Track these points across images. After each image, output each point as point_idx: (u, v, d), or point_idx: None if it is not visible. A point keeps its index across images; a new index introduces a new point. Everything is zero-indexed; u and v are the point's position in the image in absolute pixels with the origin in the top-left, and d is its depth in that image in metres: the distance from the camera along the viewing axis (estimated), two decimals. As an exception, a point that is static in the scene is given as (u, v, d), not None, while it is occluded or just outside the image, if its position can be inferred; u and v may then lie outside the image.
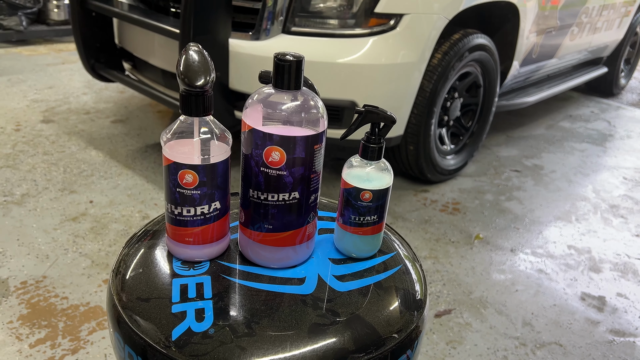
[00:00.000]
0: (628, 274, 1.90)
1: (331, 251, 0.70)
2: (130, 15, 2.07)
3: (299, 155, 0.57)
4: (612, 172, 2.76)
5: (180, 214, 0.62)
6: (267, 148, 0.57)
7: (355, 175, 0.64)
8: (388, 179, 0.65)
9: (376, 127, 0.63)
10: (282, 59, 0.56)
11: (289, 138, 0.56)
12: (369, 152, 0.64)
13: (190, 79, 0.57)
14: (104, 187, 2.14)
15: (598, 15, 3.25)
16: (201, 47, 0.61)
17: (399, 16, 1.89)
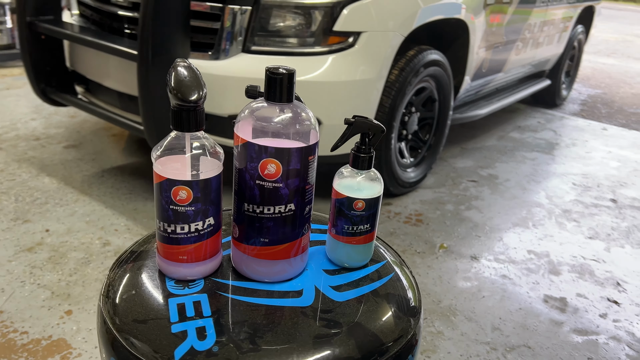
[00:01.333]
0: (585, 274, 1.99)
1: (324, 262, 0.70)
2: (86, 37, 2.02)
3: (295, 167, 0.58)
4: (562, 178, 2.89)
5: (174, 232, 0.60)
6: (262, 161, 0.57)
7: (347, 185, 0.65)
8: (379, 188, 0.66)
9: (366, 137, 0.64)
10: (275, 72, 0.57)
11: (284, 150, 0.57)
12: (360, 161, 0.65)
13: (184, 93, 0.56)
14: (60, 215, 2.06)
15: (540, 30, 3.43)
16: (189, 62, 0.60)
17: (357, 34, 1.93)
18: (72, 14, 2.42)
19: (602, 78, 5.83)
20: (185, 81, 0.57)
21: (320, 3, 1.86)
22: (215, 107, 1.95)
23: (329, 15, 1.88)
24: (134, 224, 2.04)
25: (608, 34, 9.81)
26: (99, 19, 2.23)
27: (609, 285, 1.93)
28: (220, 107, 1.93)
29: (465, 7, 2.41)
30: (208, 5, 1.89)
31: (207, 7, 1.89)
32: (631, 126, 4.09)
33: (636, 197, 2.73)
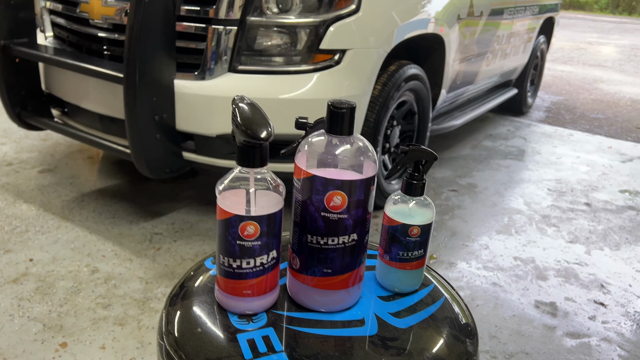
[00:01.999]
0: (570, 278, 2.05)
1: (375, 288, 0.71)
2: (67, 61, 1.97)
3: (358, 198, 0.58)
4: (537, 184, 2.98)
5: (240, 267, 0.60)
6: (328, 193, 0.58)
7: (400, 212, 0.66)
8: (431, 213, 0.67)
9: (419, 164, 0.65)
10: (338, 106, 0.57)
11: (351, 182, 0.57)
12: (413, 188, 0.66)
13: (254, 131, 0.56)
14: (43, 243, 1.99)
15: (507, 42, 3.55)
16: (249, 98, 0.60)
17: (343, 52, 1.96)
18: (46, 36, 2.36)
19: (562, 85, 6.06)
20: (254, 119, 0.57)
21: (306, 22, 1.88)
22: (202, 127, 1.93)
23: (314, 34, 1.90)
24: (122, 249, 2.00)
25: (563, 42, 10.21)
26: (76, 40, 2.19)
27: (594, 288, 2.00)
28: (208, 127, 1.92)
29: (440, 22, 2.48)
30: (193, 26, 1.88)
31: (192, 28, 1.88)
32: (594, 131, 4.25)
33: (608, 200, 2.84)
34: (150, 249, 2.02)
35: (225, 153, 1.99)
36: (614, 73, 7.15)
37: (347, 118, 0.58)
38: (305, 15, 1.88)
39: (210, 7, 1.86)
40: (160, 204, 2.37)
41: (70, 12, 2.14)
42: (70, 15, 2.16)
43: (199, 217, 2.28)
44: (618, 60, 8.45)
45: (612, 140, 3.99)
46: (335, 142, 0.59)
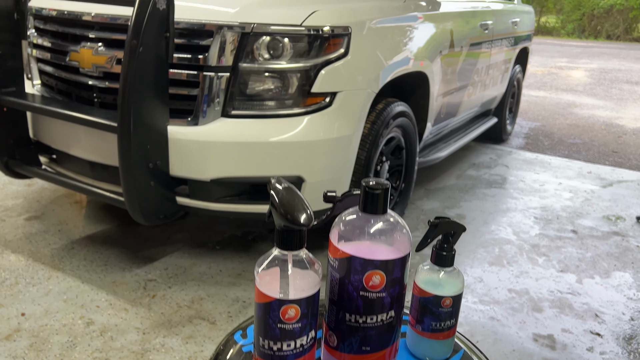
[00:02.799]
0: (565, 309, 2.08)
1: (406, 356, 0.71)
2: (58, 110, 1.97)
3: (397, 276, 0.59)
4: (524, 213, 3.03)
5: (280, 349, 0.60)
6: (367, 273, 0.59)
7: (430, 282, 0.67)
8: (461, 283, 0.69)
9: (449, 236, 0.67)
10: (373, 187, 0.59)
11: (388, 262, 0.58)
12: (443, 259, 0.67)
13: (294, 217, 0.57)
14: (35, 295, 1.95)
15: (486, 73, 3.65)
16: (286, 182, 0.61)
17: (333, 94, 1.99)
18: (34, 83, 2.35)
19: (538, 111, 6.23)
20: (294, 204, 0.57)
21: (297, 67, 1.91)
22: (196, 172, 1.93)
23: (305, 78, 1.93)
24: (116, 298, 1.96)
25: (535, 67, 10.52)
26: (66, 88, 2.19)
27: (588, 318, 2.02)
28: (202, 172, 1.92)
29: (423, 58, 2.54)
30: (186, 73, 1.90)
31: (184, 75, 1.90)
32: (573, 156, 4.36)
33: (593, 226, 2.90)
34: (145, 296, 1.99)
35: (219, 197, 1.99)
36: (586, 97, 7.38)
37: (381, 198, 0.60)
38: (296, 60, 1.92)
39: (203, 55, 1.89)
40: (152, 249, 2.35)
41: (60, 61, 2.14)
42: (59, 63, 2.16)
43: (192, 261, 2.26)
44: (589, 84, 8.73)
45: (591, 165, 4.10)
46: (371, 221, 0.61)
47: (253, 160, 1.93)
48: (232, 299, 2.00)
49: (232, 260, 2.29)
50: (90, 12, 2.01)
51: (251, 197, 2.03)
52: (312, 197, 2.04)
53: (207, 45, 1.88)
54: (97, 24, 2.01)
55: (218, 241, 2.46)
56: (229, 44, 1.88)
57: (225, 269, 2.21)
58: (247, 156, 1.93)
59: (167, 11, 1.77)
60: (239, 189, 2.01)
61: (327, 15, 1.97)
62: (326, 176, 2.04)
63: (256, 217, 2.15)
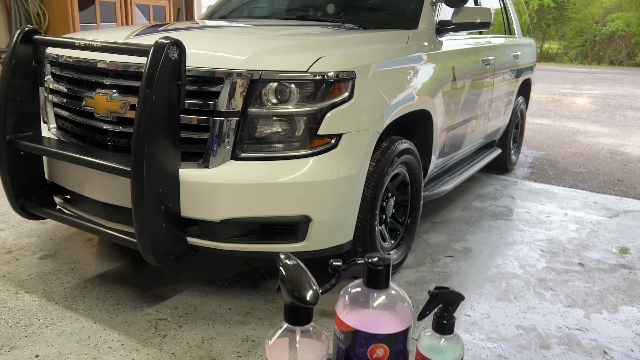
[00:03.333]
0: (573, 346, 2.08)
1: None
2: (71, 154, 2.04)
3: (400, 348, 0.63)
4: (530, 245, 3.05)
5: None
6: (372, 346, 0.63)
7: (432, 349, 0.71)
8: (461, 349, 0.72)
9: (448, 305, 0.71)
10: (376, 264, 0.64)
11: (392, 335, 0.63)
12: (444, 327, 0.71)
13: (302, 295, 0.61)
14: (48, 337, 1.98)
15: (489, 107, 3.72)
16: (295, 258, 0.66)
17: (339, 135, 2.05)
18: (50, 127, 2.43)
19: (543, 139, 6.27)
20: (302, 282, 0.62)
21: (303, 111, 1.98)
22: (207, 213, 1.98)
23: (312, 122, 2.00)
24: (128, 339, 1.99)
25: (538, 94, 10.62)
26: (81, 132, 2.26)
27: (597, 355, 2.03)
28: (213, 213, 1.98)
29: (426, 96, 2.61)
30: (197, 118, 1.97)
31: (195, 119, 1.97)
32: (579, 186, 4.39)
33: (600, 259, 2.91)
34: (156, 336, 2.02)
35: (229, 237, 2.03)
36: (590, 124, 7.43)
37: (384, 274, 0.64)
38: (302, 104, 1.99)
39: (213, 100, 1.96)
40: (163, 287, 2.39)
41: (75, 106, 2.22)
42: (75, 108, 2.24)
43: (202, 299, 2.29)
44: (593, 111, 8.79)
45: (597, 195, 4.12)
46: (375, 295, 0.65)
47: (261, 201, 1.98)
48: (241, 338, 2.03)
49: (241, 297, 2.32)
50: (105, 59, 2.10)
51: (260, 237, 2.07)
52: (319, 235, 2.08)
53: (218, 91, 1.96)
54: (112, 72, 2.10)
55: (227, 278, 2.49)
56: (238, 90, 1.96)
57: (235, 307, 2.24)
58: (255, 197, 1.98)
59: (179, 60, 1.85)
60: (248, 229, 2.06)
61: (332, 61, 2.05)
62: (333, 215, 2.09)
63: (265, 257, 2.19)
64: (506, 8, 4.42)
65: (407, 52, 2.53)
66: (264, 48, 2.07)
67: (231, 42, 2.29)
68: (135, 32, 2.32)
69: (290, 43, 2.19)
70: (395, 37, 2.61)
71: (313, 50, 2.09)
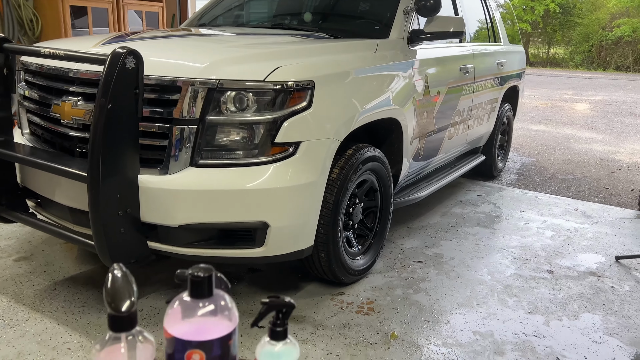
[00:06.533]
0: (527, 352, 2.11)
1: None
2: (36, 160, 2.10)
3: (216, 354, 0.68)
4: (502, 252, 3.07)
5: None
6: (187, 352, 0.67)
7: (268, 354, 0.76)
8: (296, 353, 0.77)
9: (280, 313, 0.75)
10: (196, 276, 0.68)
11: (206, 342, 0.67)
12: (277, 335, 0.76)
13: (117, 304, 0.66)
14: (11, 337, 2.04)
15: (469, 114, 3.74)
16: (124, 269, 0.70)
17: (297, 144, 2.10)
18: (23, 132, 2.50)
19: (535, 146, 6.27)
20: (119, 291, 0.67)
21: (261, 119, 2.03)
22: (166, 218, 2.03)
23: (269, 129, 2.04)
24: (88, 340, 2.05)
25: (538, 100, 10.60)
26: (50, 138, 2.33)
27: (549, 362, 2.05)
28: (172, 218, 2.02)
29: (395, 105, 2.65)
30: (156, 126, 2.02)
31: (154, 127, 2.02)
32: (562, 192, 4.40)
33: (570, 266, 2.93)
34: (117, 338, 2.06)
35: (187, 242, 2.08)
36: (586, 131, 7.41)
37: (205, 284, 0.69)
38: (260, 113, 2.03)
39: (172, 108, 2.01)
40: (131, 290, 2.43)
41: (44, 112, 2.29)
42: (44, 115, 2.31)
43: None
44: (591, 117, 8.76)
45: (579, 202, 4.13)
46: (198, 304, 0.70)
47: (220, 207, 2.03)
48: (199, 341, 2.07)
49: (205, 301, 2.36)
50: (70, 68, 2.16)
51: (219, 242, 2.12)
52: (278, 241, 2.13)
53: (177, 99, 2.01)
54: (77, 79, 2.16)
55: (195, 282, 2.53)
56: (198, 98, 2.01)
57: (198, 311, 2.28)
58: (213, 203, 2.02)
59: (136, 69, 1.90)
60: (207, 235, 2.10)
61: (290, 71, 2.09)
62: (291, 221, 2.13)
63: (225, 262, 2.24)
64: (491, 16, 4.45)
65: (373, 61, 2.57)
66: (224, 57, 2.12)
67: (193, 50, 2.35)
68: (102, 41, 2.38)
69: (251, 52, 2.24)
70: (363, 46, 2.66)
71: (272, 60, 2.14)
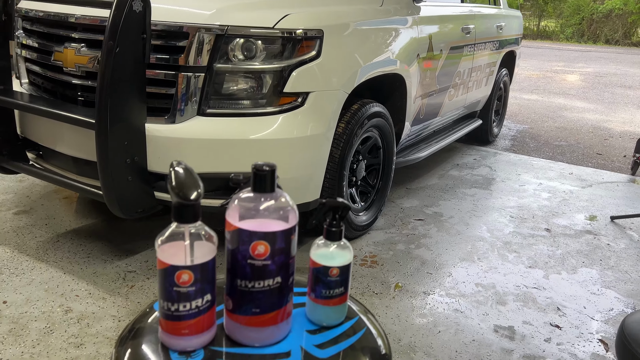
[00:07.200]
0: (528, 302, 2.16)
1: (305, 323, 0.80)
2: (42, 108, 2.05)
3: (280, 246, 0.68)
4: (500, 212, 3.11)
5: (177, 310, 0.68)
6: (253, 243, 0.67)
7: (322, 255, 0.76)
8: (349, 255, 0.77)
9: (336, 214, 0.75)
10: (260, 169, 0.68)
11: (272, 233, 0.67)
12: (332, 235, 0.76)
13: (185, 193, 0.65)
14: (17, 285, 2.03)
15: (468, 76, 3.73)
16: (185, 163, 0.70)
17: (306, 94, 2.08)
18: (22, 82, 2.44)
19: (528, 114, 6.30)
20: (186, 181, 0.66)
21: (269, 68, 2.00)
22: (173, 168, 2.01)
23: (278, 79, 2.02)
24: (95, 288, 2.05)
25: (530, 71, 10.60)
26: (51, 87, 2.28)
27: (550, 311, 2.10)
28: (179, 168, 2.00)
29: (400, 61, 2.63)
30: (163, 73, 1.98)
31: (162, 74, 1.98)
32: (557, 158, 4.44)
33: (567, 225, 2.98)
34: (124, 287, 2.07)
35: (196, 192, 2.07)
36: (578, 101, 7.46)
37: (268, 178, 0.68)
38: (269, 61, 2.01)
39: (179, 55, 1.97)
40: (134, 242, 2.43)
41: (45, 61, 2.23)
42: (44, 63, 2.25)
43: (172, 254, 2.34)
44: (582, 87, 8.80)
45: (574, 167, 4.18)
46: (260, 199, 0.69)
47: (227, 157, 2.02)
48: (206, 290, 2.08)
49: (210, 253, 2.37)
50: (73, 13, 2.10)
51: (226, 193, 2.11)
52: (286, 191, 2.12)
53: (184, 46, 1.97)
54: (80, 25, 2.10)
55: (198, 236, 2.54)
56: (205, 45, 1.97)
57: (203, 262, 2.29)
58: (221, 153, 2.01)
59: (143, 13, 1.85)
60: (214, 185, 2.09)
61: (299, 19, 2.06)
62: (299, 173, 2.13)
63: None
64: (491, -22, 4.40)
65: (381, 14, 2.54)
66: (232, 3, 2.08)
67: (200, -2, 2.29)
68: (105, -13, 2.31)
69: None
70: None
71: (281, 7, 2.10)
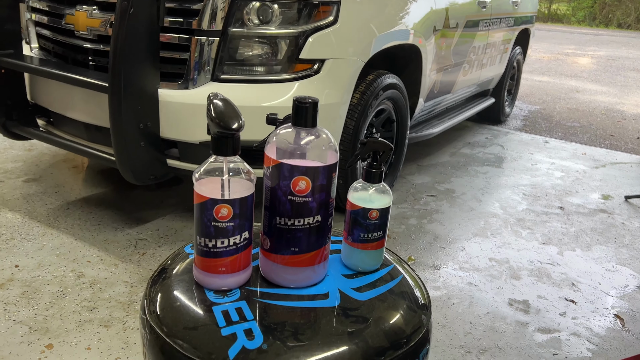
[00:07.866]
0: (543, 277, 2.13)
1: (341, 268, 0.77)
2: (54, 71, 2.02)
3: (321, 183, 0.65)
4: (513, 190, 3.07)
5: (215, 246, 0.66)
6: (294, 178, 0.64)
7: (361, 198, 0.73)
8: (389, 199, 0.74)
9: (377, 155, 0.72)
10: (302, 101, 0.64)
11: (314, 168, 0.64)
12: (372, 176, 0.73)
13: (226, 122, 0.62)
14: (29, 250, 2.02)
15: (483, 52, 3.67)
16: (224, 95, 0.66)
17: (322, 61, 2.03)
18: (32, 47, 2.40)
19: (540, 95, 6.22)
20: (226, 111, 0.63)
21: (285, 33, 1.95)
22: (186, 134, 1.99)
23: (294, 45, 1.97)
24: (107, 255, 2.03)
25: (541, 53, 10.45)
26: (62, 51, 2.24)
27: (565, 286, 2.08)
28: (192, 134, 1.98)
29: (417, 33, 2.57)
30: (176, 37, 1.94)
31: (175, 38, 1.94)
32: (570, 138, 4.39)
33: (580, 204, 2.94)
34: (135, 254, 2.06)
35: (209, 160, 2.04)
36: (590, 83, 7.35)
37: (310, 111, 0.65)
38: (285, 26, 1.96)
39: (193, 19, 1.93)
40: (145, 211, 2.42)
41: (56, 24, 2.19)
42: (55, 26, 2.21)
43: (183, 224, 2.32)
44: (594, 70, 8.68)
45: (587, 147, 4.12)
46: (301, 133, 0.66)
47: (241, 124, 1.98)
48: (218, 259, 2.07)
49: (221, 224, 2.35)
50: (85, -25, 2.06)
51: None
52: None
53: (198, 9, 1.92)
54: (92, -13, 2.06)
55: (209, 206, 2.52)
56: (220, 9, 1.92)
57: (215, 232, 2.28)
58: (235, 120, 1.97)
59: (158, -26, 1.81)
60: (228, 152, 2.06)
61: (317, -17, 2.00)
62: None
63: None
64: (508, -47, 4.29)
65: (397, -17, 2.48)
66: (248, -33, 2.02)
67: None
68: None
69: (275, -36, 2.14)
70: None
71: (298, -28, 2.04)
